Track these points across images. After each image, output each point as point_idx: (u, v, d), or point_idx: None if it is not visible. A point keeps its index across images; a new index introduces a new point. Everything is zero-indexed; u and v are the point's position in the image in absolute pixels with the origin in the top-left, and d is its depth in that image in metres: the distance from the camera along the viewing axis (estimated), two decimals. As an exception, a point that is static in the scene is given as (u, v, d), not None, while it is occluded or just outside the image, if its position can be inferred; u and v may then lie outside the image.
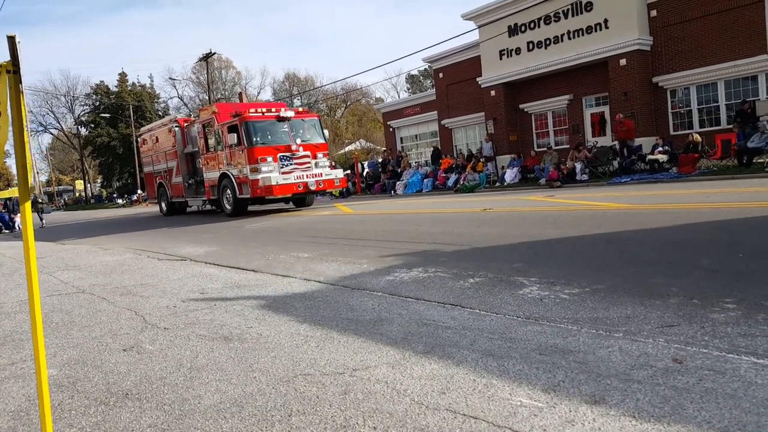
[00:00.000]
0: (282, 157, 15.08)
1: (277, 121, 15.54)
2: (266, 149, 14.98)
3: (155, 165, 21.04)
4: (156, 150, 20.74)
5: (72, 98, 62.95)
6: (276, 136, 15.43)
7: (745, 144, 15.24)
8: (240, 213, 15.95)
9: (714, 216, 7.02)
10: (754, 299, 3.34)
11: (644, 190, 12.51)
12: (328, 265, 6.02)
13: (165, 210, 20.83)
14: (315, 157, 15.73)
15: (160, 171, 20.63)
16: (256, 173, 14.69)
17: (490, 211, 10.18)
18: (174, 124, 19.26)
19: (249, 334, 3.59)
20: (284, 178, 14.83)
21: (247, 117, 15.06)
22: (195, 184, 18.84)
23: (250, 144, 14.87)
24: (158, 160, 20.65)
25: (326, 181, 15.75)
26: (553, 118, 24.25)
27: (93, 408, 2.60)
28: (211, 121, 16.64)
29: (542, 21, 22.27)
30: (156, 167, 21.00)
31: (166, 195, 20.42)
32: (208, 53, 44.47)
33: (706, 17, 18.87)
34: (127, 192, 55.49)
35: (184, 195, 19.18)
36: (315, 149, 15.86)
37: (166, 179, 20.10)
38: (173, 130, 19.03)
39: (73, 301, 5.20)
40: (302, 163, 15.38)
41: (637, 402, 2.16)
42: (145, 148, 22.17)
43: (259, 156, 14.79)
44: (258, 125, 15.19)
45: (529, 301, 3.80)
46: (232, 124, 15.28)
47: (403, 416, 2.22)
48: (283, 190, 14.85)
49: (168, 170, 19.85)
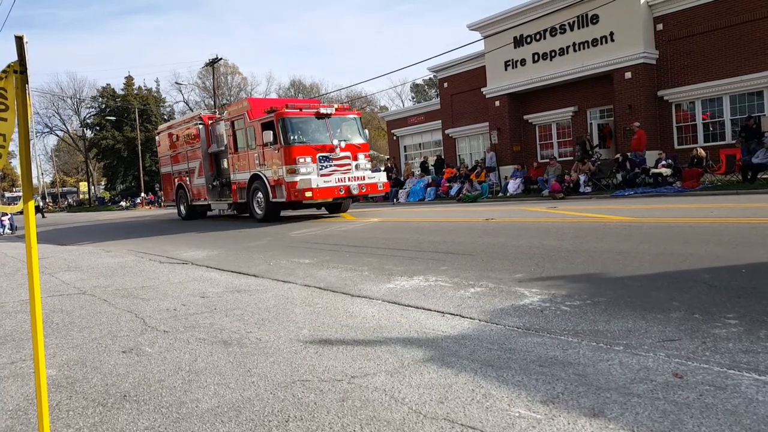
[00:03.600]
0: (321, 157, 13.80)
1: (316, 118, 14.25)
2: (305, 148, 13.68)
3: (174, 165, 19.78)
4: (176, 149, 19.47)
5: (78, 100, 63.41)
6: (315, 135, 14.13)
7: (749, 159, 15.22)
8: (272, 218, 14.59)
9: (717, 231, 7.00)
10: (756, 315, 3.32)
11: (647, 204, 12.49)
12: (329, 272, 6.02)
13: (184, 213, 19.49)
14: (356, 159, 14.46)
15: (179, 172, 19.35)
16: (293, 175, 13.37)
17: (493, 222, 10.17)
18: (197, 121, 18.01)
19: (248, 338, 3.59)
20: (324, 181, 13.47)
21: (284, 113, 13.83)
22: (219, 186, 17.52)
23: (287, 143, 13.57)
24: (178, 160, 19.41)
25: (369, 185, 14.30)
26: (557, 130, 24.27)
27: (91, 409, 2.59)
28: (241, 117, 15.35)
29: (548, 33, 22.33)
30: (175, 167, 19.73)
31: (186, 197, 19.09)
32: (215, 59, 44.65)
33: (713, 32, 18.90)
34: (131, 195, 55.63)
35: (207, 198, 17.84)
36: (356, 150, 14.58)
37: (187, 180, 18.84)
38: (197, 128, 17.77)
39: (74, 302, 5.20)
40: (342, 165, 14.12)
41: (637, 416, 2.14)
42: (163, 147, 20.84)
43: (297, 156, 13.47)
44: (296, 122, 13.92)
45: (530, 312, 3.78)
46: (267, 121, 14.02)
47: (400, 425, 2.21)
48: (324, 194, 13.40)
49: (189, 171, 18.63)
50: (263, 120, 14.19)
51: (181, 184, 19.37)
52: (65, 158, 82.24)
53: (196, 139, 17.87)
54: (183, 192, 19.35)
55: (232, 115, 16.02)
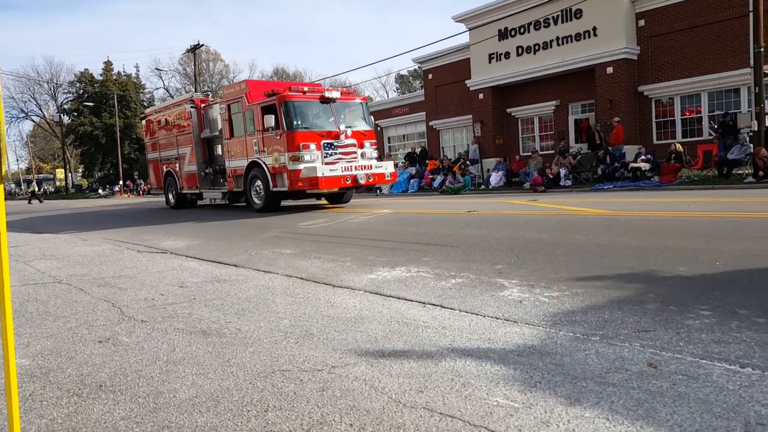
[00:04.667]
0: (326, 144, 13.05)
1: (321, 103, 13.48)
2: (309, 135, 12.89)
3: (163, 151, 18.86)
4: (165, 134, 18.56)
5: (55, 85, 62.18)
6: (319, 120, 13.38)
7: (725, 155, 15.49)
8: (271, 208, 13.84)
9: (693, 224, 7.12)
10: (729, 307, 3.39)
11: (626, 197, 12.65)
12: (311, 262, 6.00)
13: (173, 202, 18.74)
14: (362, 146, 13.72)
15: (168, 158, 18.47)
16: (296, 162, 12.60)
17: (475, 214, 10.22)
18: (189, 104, 17.07)
19: (228, 328, 3.57)
20: (330, 170, 12.66)
21: (287, 96, 13.05)
22: (213, 174, 16.72)
23: (290, 128, 12.81)
24: (167, 146, 18.51)
25: (376, 175, 13.60)
26: (539, 123, 24.43)
27: (65, 399, 2.56)
28: (239, 100, 14.50)
29: (532, 26, 22.42)
30: (164, 153, 18.82)
31: (176, 185, 18.25)
32: (196, 45, 44.14)
33: (693, 29, 19.14)
34: (109, 182, 54.84)
35: (199, 186, 17.09)
36: (362, 137, 13.83)
37: (176, 167, 18.00)
38: (188, 112, 16.89)
39: (49, 291, 5.12)
40: (348, 153, 13.38)
41: (612, 405, 2.18)
42: (151, 132, 19.83)
43: (300, 142, 12.68)
44: (300, 106, 13.12)
45: (509, 302, 3.82)
46: (269, 104, 13.25)
47: (380, 414, 2.22)
48: (330, 183, 12.65)
49: (179, 157, 17.78)
50: (264, 103, 13.44)
51: (170, 171, 18.54)
52: (41, 144, 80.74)
53: (187, 124, 17.04)
54: (172, 179, 18.49)
55: (229, 98, 15.15)
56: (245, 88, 14.56)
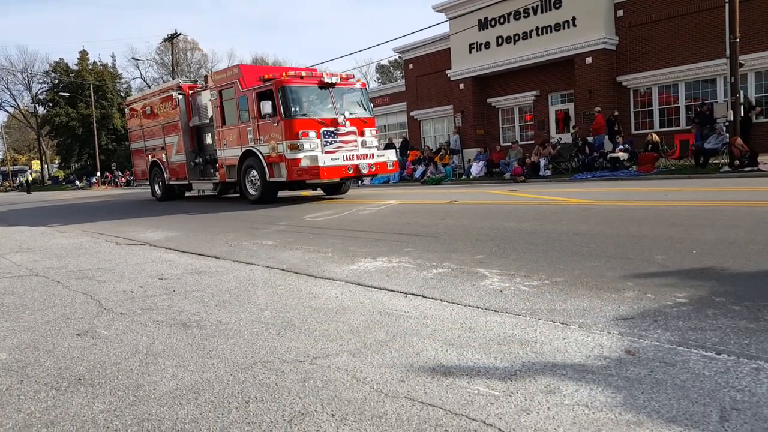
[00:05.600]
0: (326, 132, 12.45)
1: (319, 88, 12.83)
2: (308, 122, 12.27)
3: (148, 140, 18.09)
4: (150, 122, 17.81)
5: (29, 75, 60.80)
6: (318, 107, 12.77)
7: (702, 145, 15.72)
8: (268, 200, 13.21)
9: (670, 213, 7.22)
10: (705, 294, 3.45)
11: (605, 187, 12.79)
12: (292, 253, 5.98)
13: (160, 194, 18.02)
14: (362, 134, 13.14)
15: (154, 147, 17.75)
16: (295, 151, 12.00)
17: (456, 204, 10.26)
18: (176, 91, 16.31)
19: (208, 320, 3.54)
20: (332, 159, 12.10)
21: (285, 81, 12.37)
22: (202, 164, 16.01)
23: (288, 115, 12.16)
24: (152, 135, 17.75)
25: (378, 164, 13.05)
26: (519, 114, 24.55)
27: (43, 393, 2.52)
28: (231, 86, 13.75)
29: (512, 16, 22.47)
30: (149, 143, 18.06)
31: (162, 176, 17.50)
32: (173, 34, 43.38)
33: (670, 19, 19.34)
34: (86, 174, 53.94)
35: (188, 176, 16.36)
36: (362, 124, 13.24)
37: (163, 157, 17.29)
38: (175, 99, 16.11)
39: (25, 284, 5.03)
40: (348, 141, 12.81)
41: (591, 392, 2.21)
42: (135, 121, 19.04)
43: (299, 130, 12.07)
44: (299, 91, 12.49)
45: (490, 292, 3.84)
46: (265, 90, 12.58)
47: (361, 404, 2.22)
48: (331, 173, 12.05)
49: (165, 146, 17.08)
50: (259, 89, 12.78)
51: (156, 161, 17.82)
52: (16, 135, 79.01)
53: (174, 111, 16.34)
54: (158, 170, 17.77)
55: (220, 84, 14.35)
56: (238, 73, 13.78)
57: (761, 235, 5.23)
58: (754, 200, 8.17)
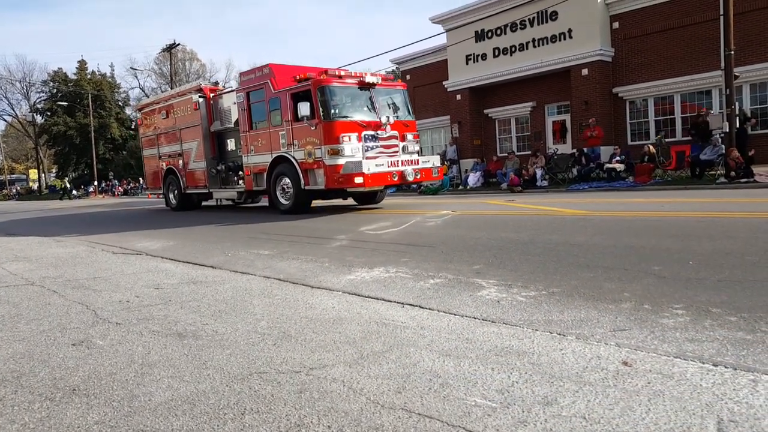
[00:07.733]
0: (367, 136, 11.52)
1: (359, 89, 11.92)
2: (349, 125, 11.33)
3: (162, 147, 17.20)
4: (166, 128, 16.85)
5: (28, 84, 60.85)
6: (358, 109, 11.81)
7: (698, 156, 15.79)
8: (301, 210, 12.14)
9: (667, 224, 7.24)
10: (702, 305, 3.45)
11: (601, 198, 12.82)
12: (289, 263, 5.97)
13: (175, 203, 16.98)
14: (403, 139, 12.27)
15: (169, 154, 16.85)
16: (335, 156, 11.03)
17: (453, 214, 10.26)
18: (196, 93, 15.32)
19: (204, 331, 3.53)
20: (376, 164, 11.16)
21: (324, 80, 11.41)
22: (224, 171, 14.94)
23: (327, 117, 11.18)
24: (167, 141, 16.90)
25: (423, 170, 12.08)
26: (516, 124, 24.65)
27: (38, 404, 2.51)
28: (262, 87, 12.72)
29: (508, 28, 22.61)
30: (163, 149, 17.13)
31: (178, 184, 16.46)
32: (172, 44, 43.53)
33: (666, 31, 19.49)
34: (83, 183, 53.85)
35: (207, 185, 15.32)
36: (404, 128, 12.39)
37: (179, 164, 16.32)
38: (195, 102, 15.13)
39: (21, 293, 5.01)
40: (390, 146, 11.90)
41: (588, 403, 2.20)
42: (148, 126, 18.09)
43: (340, 134, 11.11)
44: (339, 92, 11.56)
45: (487, 302, 3.84)
46: (302, 90, 11.58)
47: (358, 415, 2.21)
48: (375, 180, 11.11)
49: (183, 153, 16.12)
50: (295, 89, 11.78)
51: (171, 169, 16.82)
52: (14, 144, 78.94)
53: (193, 116, 15.37)
54: (174, 178, 16.74)
55: (249, 84, 13.20)
56: (269, 73, 12.65)
57: (757, 246, 5.24)
58: (750, 211, 8.20)
